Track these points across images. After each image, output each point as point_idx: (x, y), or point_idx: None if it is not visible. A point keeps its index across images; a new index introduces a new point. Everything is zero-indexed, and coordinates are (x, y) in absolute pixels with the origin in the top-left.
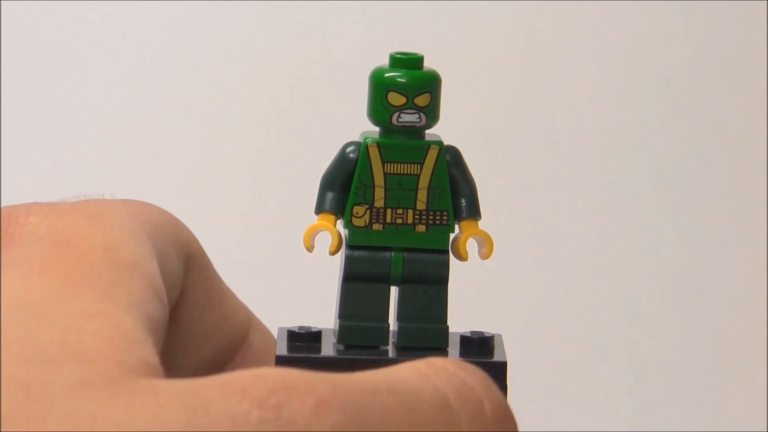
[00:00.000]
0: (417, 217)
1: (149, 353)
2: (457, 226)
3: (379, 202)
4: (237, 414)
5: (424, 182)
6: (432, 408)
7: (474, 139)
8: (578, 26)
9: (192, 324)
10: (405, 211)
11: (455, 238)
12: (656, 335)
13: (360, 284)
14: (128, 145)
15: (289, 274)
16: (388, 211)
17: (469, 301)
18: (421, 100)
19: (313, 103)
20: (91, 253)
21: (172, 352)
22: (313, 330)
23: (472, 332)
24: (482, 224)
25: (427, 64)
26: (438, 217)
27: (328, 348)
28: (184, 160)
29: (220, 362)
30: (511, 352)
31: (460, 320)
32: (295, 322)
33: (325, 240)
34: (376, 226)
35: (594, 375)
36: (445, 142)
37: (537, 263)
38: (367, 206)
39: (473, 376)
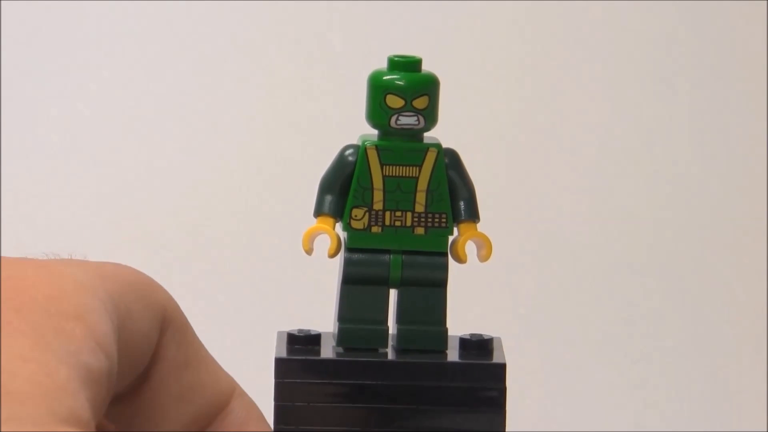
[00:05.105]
0: (416, 219)
1: (80, 405)
2: (455, 229)
3: (377, 205)
4: None
5: (422, 185)
6: None
7: (472, 141)
8: (578, 28)
9: (168, 384)
10: (404, 213)
11: (454, 241)
12: (656, 336)
13: (359, 287)
14: (128, 145)
15: (289, 277)
16: (387, 213)
17: (468, 303)
18: (420, 103)
19: (312, 105)
20: (32, 301)
21: (150, 411)
22: (313, 333)
23: (471, 335)
24: (481, 227)
25: (426, 67)
26: (437, 220)
27: (328, 350)
28: (183, 163)
29: (198, 426)
30: (510, 354)
31: (459, 323)
32: (295, 325)
33: (324, 243)
34: (374, 229)
35: (593, 376)
36: (444, 145)
37: (536, 266)
38: (365, 209)
39: None
